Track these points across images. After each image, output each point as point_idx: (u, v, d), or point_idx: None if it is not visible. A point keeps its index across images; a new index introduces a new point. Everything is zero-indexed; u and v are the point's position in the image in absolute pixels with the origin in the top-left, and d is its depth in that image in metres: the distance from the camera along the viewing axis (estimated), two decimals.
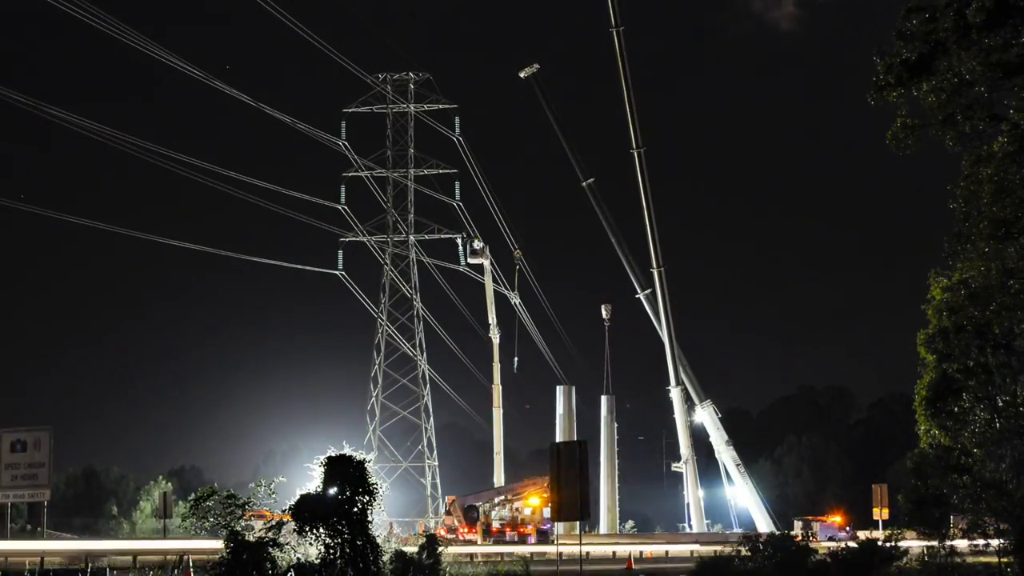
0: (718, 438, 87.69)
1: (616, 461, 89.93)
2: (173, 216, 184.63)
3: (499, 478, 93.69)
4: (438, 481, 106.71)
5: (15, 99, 73.12)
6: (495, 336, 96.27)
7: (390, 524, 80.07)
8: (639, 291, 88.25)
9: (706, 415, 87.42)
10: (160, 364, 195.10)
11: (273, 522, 33.63)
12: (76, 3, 70.06)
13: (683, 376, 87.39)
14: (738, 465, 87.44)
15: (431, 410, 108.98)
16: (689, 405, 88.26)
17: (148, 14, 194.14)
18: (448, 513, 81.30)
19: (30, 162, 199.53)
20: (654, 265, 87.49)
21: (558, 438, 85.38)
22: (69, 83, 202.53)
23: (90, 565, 42.58)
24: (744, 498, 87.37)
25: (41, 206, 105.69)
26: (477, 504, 77.71)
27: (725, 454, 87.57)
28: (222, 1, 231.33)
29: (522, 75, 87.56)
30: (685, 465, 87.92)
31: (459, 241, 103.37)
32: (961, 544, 38.95)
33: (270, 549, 32.52)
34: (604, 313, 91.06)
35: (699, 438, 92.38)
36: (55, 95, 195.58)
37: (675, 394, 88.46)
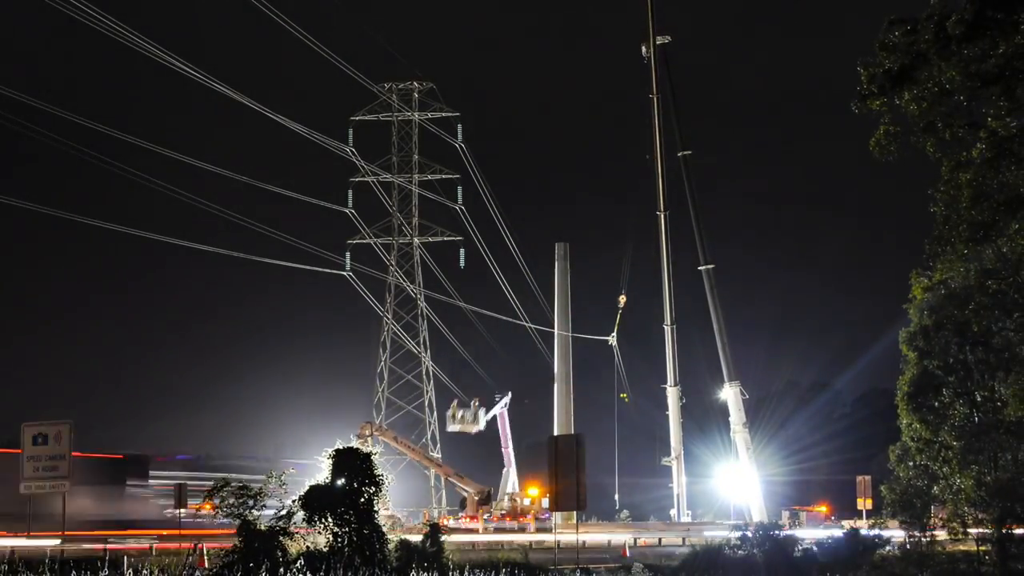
0: (737, 419, 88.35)
1: None
2: (180, 218, 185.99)
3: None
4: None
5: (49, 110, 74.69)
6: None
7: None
8: (702, 264, 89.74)
9: (732, 394, 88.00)
10: (171, 361, 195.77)
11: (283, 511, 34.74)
12: (84, 5, 71.08)
13: (721, 356, 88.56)
14: (748, 448, 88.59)
15: (435, 405, 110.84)
16: (717, 383, 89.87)
17: (154, 18, 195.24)
18: (463, 507, 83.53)
19: (39, 160, 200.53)
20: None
21: (555, 431, 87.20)
22: (73, 84, 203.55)
23: (107, 553, 43.90)
24: (745, 482, 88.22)
25: (62, 209, 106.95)
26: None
27: (739, 435, 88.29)
28: (235, 12, 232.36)
29: (657, 41, 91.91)
30: (675, 461, 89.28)
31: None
32: (941, 533, 40.20)
33: (280, 538, 33.69)
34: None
35: (686, 434, 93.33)
36: (60, 97, 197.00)
37: (671, 393, 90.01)
